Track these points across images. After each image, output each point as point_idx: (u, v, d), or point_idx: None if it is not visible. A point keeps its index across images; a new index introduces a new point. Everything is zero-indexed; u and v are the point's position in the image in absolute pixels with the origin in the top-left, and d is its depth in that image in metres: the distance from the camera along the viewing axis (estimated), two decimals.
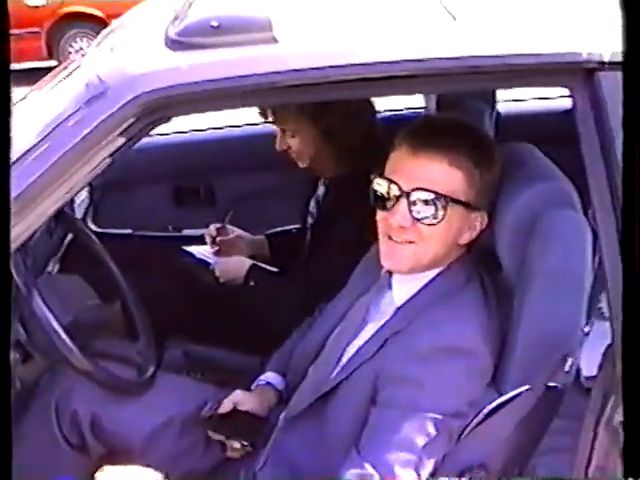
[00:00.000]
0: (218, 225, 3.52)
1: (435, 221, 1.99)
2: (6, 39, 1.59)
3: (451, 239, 2.06)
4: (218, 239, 3.47)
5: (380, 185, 2.05)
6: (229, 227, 3.53)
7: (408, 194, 1.99)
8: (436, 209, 1.98)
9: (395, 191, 2.01)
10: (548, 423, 1.96)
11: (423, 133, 2.05)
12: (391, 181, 2.02)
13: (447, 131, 2.05)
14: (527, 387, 1.92)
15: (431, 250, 2.05)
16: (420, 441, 1.94)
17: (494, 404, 1.97)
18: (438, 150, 1.98)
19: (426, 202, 1.98)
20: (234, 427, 2.34)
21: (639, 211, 1.50)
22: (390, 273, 2.19)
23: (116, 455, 2.38)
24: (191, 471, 2.24)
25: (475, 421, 1.99)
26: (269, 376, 2.51)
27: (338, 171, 3.10)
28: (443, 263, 2.10)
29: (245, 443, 2.31)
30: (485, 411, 1.98)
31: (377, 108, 3.21)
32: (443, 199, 1.98)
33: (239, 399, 2.39)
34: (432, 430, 1.94)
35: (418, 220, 1.99)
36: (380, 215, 2.07)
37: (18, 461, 2.25)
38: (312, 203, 3.33)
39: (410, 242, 2.03)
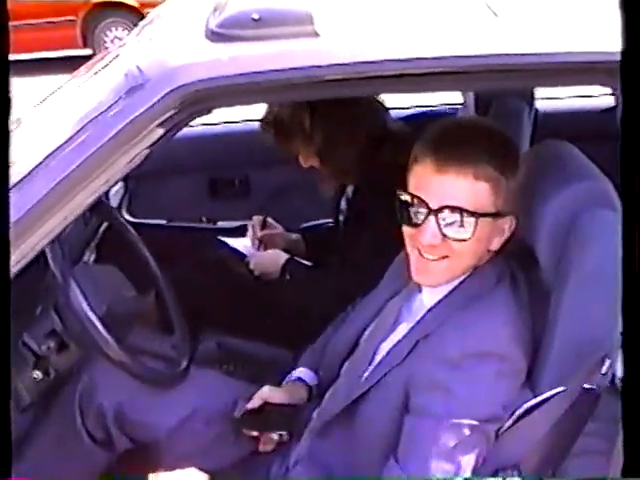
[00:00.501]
0: (261, 218, 3.53)
1: (466, 237, 1.96)
2: (5, 32, 1.59)
3: (482, 249, 2.03)
4: (262, 233, 3.48)
5: (406, 201, 2.01)
6: (271, 221, 3.55)
7: (436, 212, 1.95)
8: (466, 225, 1.95)
9: (422, 209, 1.97)
10: (583, 425, 1.94)
11: (446, 145, 1.97)
12: (417, 198, 1.98)
13: (470, 141, 1.98)
14: (562, 388, 1.90)
15: (464, 263, 2.03)
16: (458, 449, 1.93)
17: (528, 405, 1.95)
18: (463, 164, 1.93)
19: (455, 219, 1.95)
20: (267, 421, 2.34)
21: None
22: None
23: (141, 448, 2.40)
24: (218, 465, 2.24)
25: (509, 422, 1.97)
26: (301, 371, 2.51)
27: (360, 178, 3.12)
28: (473, 265, 2.08)
29: (282, 433, 2.32)
30: (519, 412, 1.96)
31: (386, 107, 3.25)
32: (473, 216, 1.94)
33: (267, 395, 2.39)
34: (469, 437, 1.93)
35: (448, 237, 1.97)
36: (408, 231, 2.04)
37: (38, 455, 2.30)
38: (342, 202, 3.33)
39: (443, 257, 2.01)
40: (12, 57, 1.40)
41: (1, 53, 1.49)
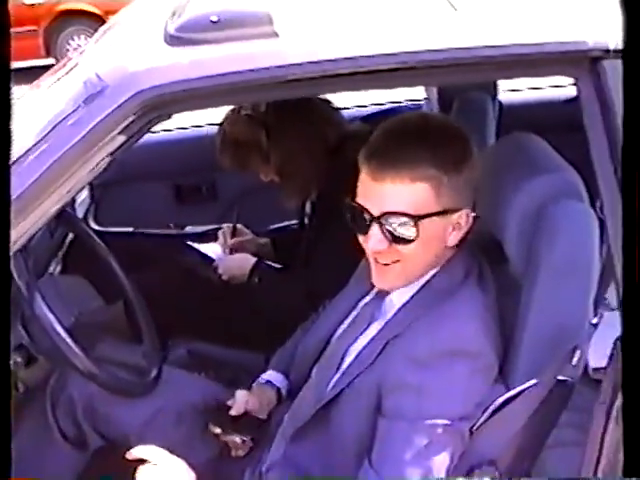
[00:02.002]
0: (231, 225, 3.53)
1: (411, 239, 1.95)
2: (7, 36, 1.58)
3: (435, 246, 2.01)
4: (232, 240, 3.48)
5: (352, 211, 2.03)
6: (241, 228, 3.54)
7: (378, 219, 1.95)
8: (409, 228, 1.94)
9: (366, 216, 1.97)
10: (557, 417, 1.94)
11: (379, 153, 1.96)
12: (361, 206, 1.99)
13: (404, 145, 1.96)
14: (535, 381, 1.90)
15: (418, 263, 2.02)
16: (432, 450, 1.93)
17: (502, 399, 1.95)
18: (398, 170, 1.91)
19: (398, 224, 1.94)
20: (233, 422, 2.34)
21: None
22: None
23: (112, 443, 2.38)
24: (188, 463, 2.23)
25: (483, 417, 1.97)
26: (270, 374, 2.51)
27: (322, 184, 3.12)
28: (436, 264, 2.07)
29: (244, 438, 2.32)
30: (493, 407, 1.96)
31: (340, 112, 3.27)
32: (413, 219, 1.93)
33: (243, 400, 2.38)
34: (443, 437, 1.93)
35: (394, 242, 1.96)
36: (360, 239, 2.05)
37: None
38: (307, 205, 3.33)
39: (395, 262, 2.00)
40: None
41: (2, 56, 1.48)
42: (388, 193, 1.93)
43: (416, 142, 1.95)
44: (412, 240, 1.95)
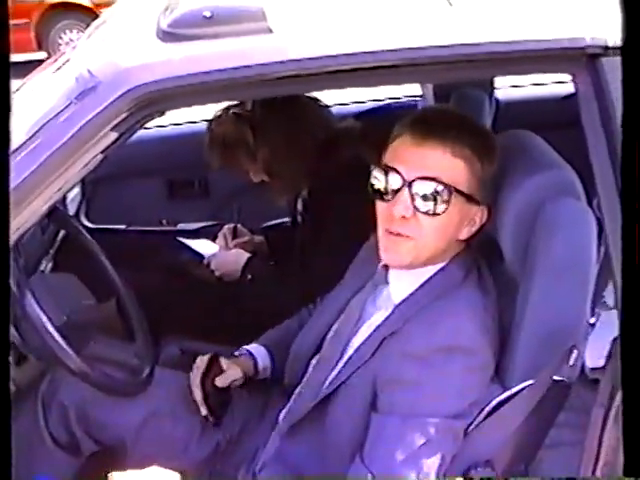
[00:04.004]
0: (232, 226, 3.52)
1: (438, 211, 1.96)
2: (5, 29, 1.56)
3: (451, 233, 2.03)
4: (233, 242, 3.47)
5: (380, 175, 2.02)
6: (241, 229, 3.54)
7: (410, 183, 1.95)
8: (439, 200, 1.95)
9: (397, 180, 1.97)
10: (554, 417, 1.94)
11: (426, 123, 2.01)
12: (393, 170, 1.98)
13: (449, 122, 2.02)
14: (531, 381, 1.90)
15: (431, 245, 2.02)
16: (424, 447, 1.92)
17: (498, 399, 1.95)
18: (442, 140, 1.95)
19: (429, 193, 1.95)
20: (210, 394, 2.39)
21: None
22: (387, 268, 2.17)
23: (106, 448, 2.38)
24: (184, 466, 2.22)
25: (479, 417, 1.96)
26: (252, 346, 2.55)
27: (313, 182, 3.11)
28: (442, 259, 2.07)
29: (209, 416, 2.37)
30: (489, 407, 1.95)
31: (330, 109, 3.26)
32: (446, 189, 1.95)
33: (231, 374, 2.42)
34: (435, 434, 1.92)
35: (419, 211, 1.96)
36: (380, 207, 2.04)
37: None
38: (299, 202, 3.32)
39: (409, 237, 2.00)
40: None
41: (1, 51, 1.47)
42: (427, 157, 1.96)
43: (460, 122, 2.04)
44: (438, 214, 1.96)
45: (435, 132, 1.96)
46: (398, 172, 1.97)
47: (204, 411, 2.37)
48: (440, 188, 1.95)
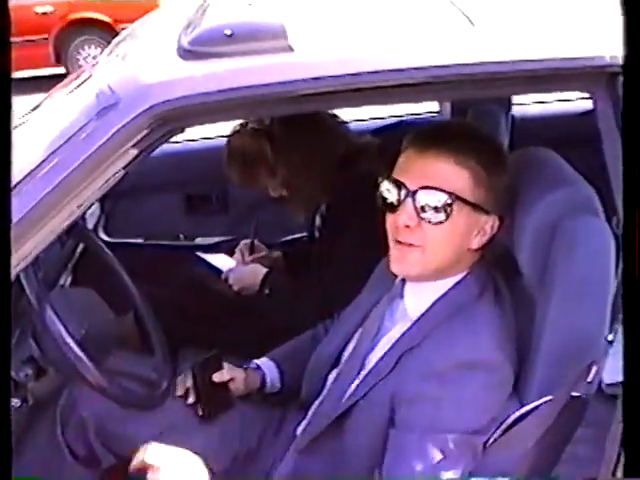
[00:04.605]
0: (249, 241, 3.52)
1: (441, 220, 1.97)
2: (8, 48, 1.56)
3: (458, 243, 2.03)
4: (250, 257, 3.48)
5: (387, 187, 2.04)
6: (258, 244, 3.55)
7: (414, 193, 1.97)
8: (443, 209, 1.96)
9: (401, 191, 2.00)
10: (571, 433, 1.93)
11: (430, 135, 2.04)
12: (398, 182, 2.01)
13: (453, 132, 2.06)
14: (550, 397, 1.89)
15: (439, 254, 2.02)
16: (443, 463, 1.92)
17: (516, 415, 1.95)
18: (444, 150, 1.97)
19: (432, 201, 1.96)
20: (208, 389, 2.41)
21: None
22: (403, 282, 2.18)
23: (124, 461, 2.36)
24: None
25: (497, 432, 1.97)
26: (262, 360, 2.57)
27: (332, 197, 3.11)
28: (455, 270, 2.08)
29: (202, 412, 2.40)
30: (507, 422, 1.96)
31: (348, 125, 3.28)
32: (449, 198, 1.96)
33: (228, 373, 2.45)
34: (455, 450, 1.92)
35: (424, 220, 1.98)
36: (388, 218, 2.06)
37: (20, 475, 2.27)
38: (317, 217, 3.32)
39: (417, 246, 2.01)
40: None
41: (2, 65, 1.47)
42: (430, 167, 1.98)
43: (464, 132, 2.07)
44: (441, 222, 1.97)
45: (437, 143, 1.99)
46: (402, 183, 2.00)
47: (192, 399, 2.40)
48: (443, 197, 1.96)
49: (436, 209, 1.97)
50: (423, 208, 1.97)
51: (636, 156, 1.48)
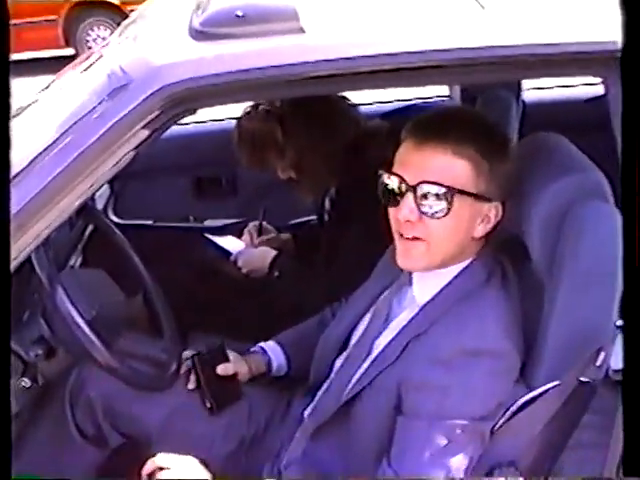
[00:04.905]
0: (257, 223, 3.53)
1: (442, 214, 1.96)
2: (6, 30, 1.56)
3: (462, 233, 2.02)
4: (258, 239, 3.48)
5: (388, 181, 2.03)
6: (266, 226, 3.55)
7: (414, 188, 1.96)
8: (443, 202, 1.95)
9: (402, 185, 1.99)
10: (578, 419, 1.93)
11: (426, 125, 2.02)
12: (397, 176, 2.00)
13: (451, 122, 2.03)
14: (557, 382, 1.89)
15: (443, 247, 2.02)
16: (451, 450, 1.93)
17: (523, 400, 1.95)
18: (442, 141, 1.95)
19: (433, 195, 1.95)
20: (213, 382, 2.41)
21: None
22: None
23: (132, 441, 2.40)
24: (208, 459, 2.23)
25: (504, 418, 1.97)
26: (267, 344, 2.58)
27: (341, 181, 3.11)
28: (461, 258, 2.07)
29: (209, 405, 2.39)
30: (514, 408, 1.96)
31: (359, 108, 3.26)
32: (449, 191, 1.94)
33: (233, 367, 2.46)
34: (462, 437, 1.93)
35: (425, 214, 1.97)
36: (390, 212, 2.05)
37: (30, 455, 2.28)
38: (326, 201, 3.32)
39: (420, 240, 2.00)
40: None
41: (1, 51, 1.47)
42: (428, 162, 1.97)
43: (463, 121, 2.04)
44: (442, 216, 1.96)
45: (435, 134, 1.97)
46: (401, 177, 1.99)
47: (191, 385, 2.40)
48: (443, 191, 1.94)
49: (437, 203, 1.95)
50: (424, 203, 1.96)
51: (634, 146, 1.48)
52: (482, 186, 1.98)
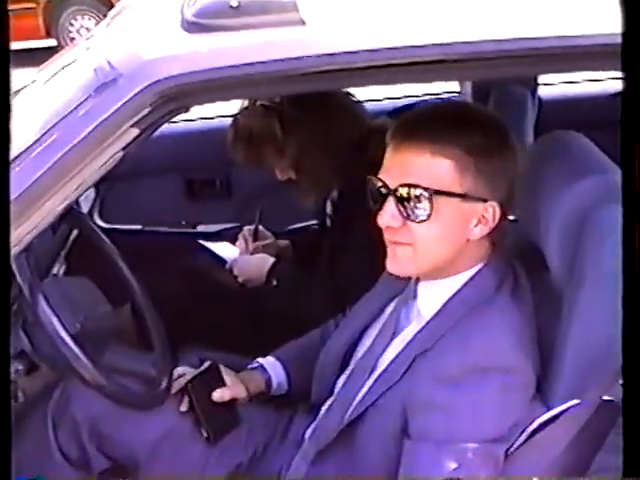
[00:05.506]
0: (252, 228, 3.53)
1: (424, 217, 1.95)
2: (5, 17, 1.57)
3: (453, 236, 2.01)
4: (254, 245, 3.48)
5: (371, 187, 2.06)
6: (262, 231, 3.55)
7: (395, 191, 1.97)
8: (425, 204, 1.95)
9: (383, 190, 2.01)
10: (602, 440, 1.92)
11: (404, 126, 2.03)
12: (379, 180, 2.02)
13: (430, 120, 2.03)
14: (578, 401, 1.88)
15: (432, 251, 2.02)
16: (462, 474, 1.91)
17: (541, 420, 1.94)
18: (419, 142, 1.96)
19: (414, 198, 1.95)
20: (207, 409, 2.39)
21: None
22: (417, 280, 2.17)
23: (119, 465, 2.39)
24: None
25: (520, 440, 1.95)
26: (267, 360, 2.57)
27: (344, 183, 3.11)
28: (466, 265, 2.07)
29: (207, 435, 2.37)
30: (531, 428, 1.94)
31: (363, 106, 3.27)
32: (428, 193, 1.94)
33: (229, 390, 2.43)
34: (474, 461, 1.91)
35: (408, 218, 1.97)
36: (378, 218, 2.05)
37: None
38: (328, 205, 3.32)
39: (406, 245, 2.01)
40: None
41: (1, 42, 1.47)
42: (407, 165, 1.97)
43: (443, 120, 2.02)
44: (425, 219, 1.95)
45: (412, 135, 1.98)
46: (384, 182, 2.01)
47: (204, 432, 2.38)
48: (423, 192, 1.94)
49: (418, 207, 1.96)
50: (405, 207, 1.97)
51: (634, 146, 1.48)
52: (469, 185, 1.97)
